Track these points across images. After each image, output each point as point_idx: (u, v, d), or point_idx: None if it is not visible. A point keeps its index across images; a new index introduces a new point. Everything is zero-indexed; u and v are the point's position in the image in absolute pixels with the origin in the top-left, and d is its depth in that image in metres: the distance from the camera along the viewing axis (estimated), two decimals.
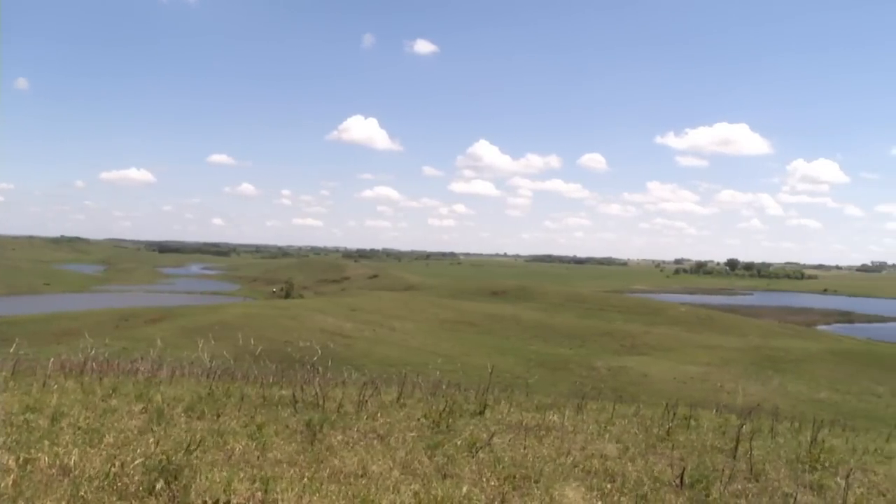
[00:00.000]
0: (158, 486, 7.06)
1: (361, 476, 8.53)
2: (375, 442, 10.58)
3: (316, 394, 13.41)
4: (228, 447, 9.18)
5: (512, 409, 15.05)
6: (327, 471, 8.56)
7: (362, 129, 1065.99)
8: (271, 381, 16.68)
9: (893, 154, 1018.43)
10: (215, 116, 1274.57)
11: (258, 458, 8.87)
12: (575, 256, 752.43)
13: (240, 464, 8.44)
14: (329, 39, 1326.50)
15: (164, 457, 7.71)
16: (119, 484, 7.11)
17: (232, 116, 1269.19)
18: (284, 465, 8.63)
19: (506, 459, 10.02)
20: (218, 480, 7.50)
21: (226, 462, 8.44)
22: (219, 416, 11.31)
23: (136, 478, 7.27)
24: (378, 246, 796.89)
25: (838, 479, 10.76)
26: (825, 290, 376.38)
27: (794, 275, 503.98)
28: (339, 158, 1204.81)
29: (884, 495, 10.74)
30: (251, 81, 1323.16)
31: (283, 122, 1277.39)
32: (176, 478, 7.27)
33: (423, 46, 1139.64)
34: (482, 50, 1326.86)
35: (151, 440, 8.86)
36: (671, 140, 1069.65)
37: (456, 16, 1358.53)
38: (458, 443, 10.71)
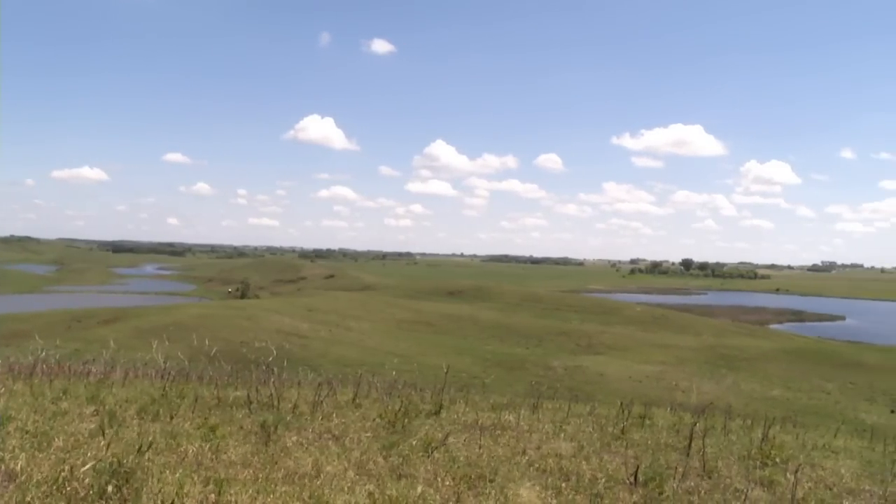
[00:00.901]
0: (109, 489, 6.95)
1: (316, 477, 8.48)
2: (330, 442, 10.54)
3: (271, 394, 13.33)
4: (182, 449, 9.07)
5: (468, 409, 15.08)
6: (281, 472, 8.50)
7: (319, 128, 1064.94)
8: (226, 382, 16.54)
9: (843, 156, 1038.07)
10: (171, 115, 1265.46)
11: (212, 459, 8.78)
12: (531, 256, 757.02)
13: (193, 466, 8.34)
14: (286, 38, 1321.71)
15: (116, 460, 7.58)
16: (68, 488, 6.98)
17: (187, 115, 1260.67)
18: (238, 467, 8.55)
19: (461, 459, 10.03)
20: (170, 483, 7.41)
21: (179, 464, 8.34)
22: (172, 417, 11.18)
23: (87, 482, 7.12)
24: (334, 246, 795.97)
25: (788, 474, 10.95)
26: (778, 290, 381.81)
27: (747, 274, 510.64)
28: (296, 158, 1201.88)
29: (830, 489, 10.95)
30: (207, 80, 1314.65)
31: (240, 121, 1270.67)
32: (127, 481, 7.16)
33: (381, 46, 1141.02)
34: (439, 50, 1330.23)
35: (103, 443, 8.69)
36: (627, 141, 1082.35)
37: (413, 16, 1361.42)
38: (414, 443, 10.70)
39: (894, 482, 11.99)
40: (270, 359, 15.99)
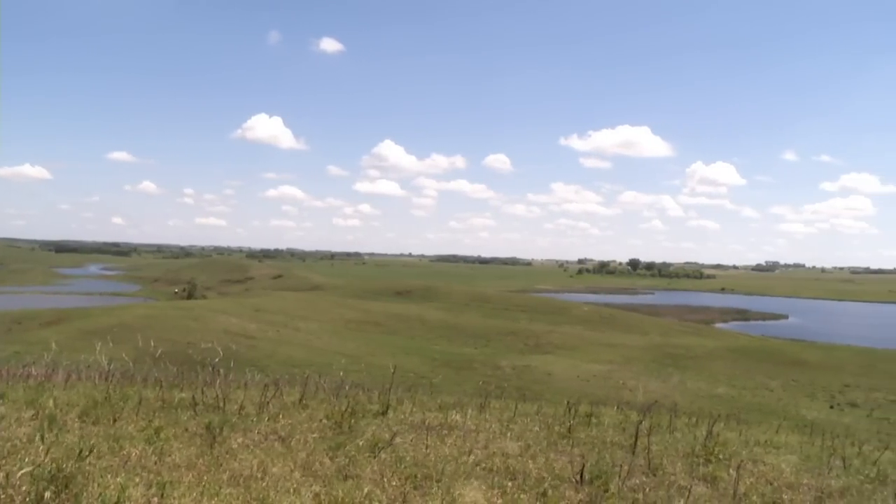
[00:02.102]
0: (47, 495, 6.81)
1: (261, 478, 8.42)
2: (276, 444, 10.45)
3: (217, 396, 13.18)
4: (124, 452, 8.92)
5: (415, 409, 15.04)
6: (226, 474, 8.43)
7: (267, 127, 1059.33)
8: (172, 383, 16.30)
9: (786, 159, 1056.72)
10: (115, 113, 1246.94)
11: (155, 462, 8.66)
12: (480, 256, 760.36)
13: (136, 469, 8.22)
14: (234, 36, 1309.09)
15: (55, 465, 7.46)
16: (3, 496, 6.82)
17: (133, 113, 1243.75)
18: (182, 469, 8.46)
19: (408, 459, 10.01)
20: (112, 487, 7.30)
21: (121, 468, 8.21)
22: (115, 420, 11.01)
23: (23, 488, 6.95)
24: (282, 246, 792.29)
25: (731, 470, 11.10)
26: (723, 289, 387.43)
27: (693, 274, 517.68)
28: (243, 157, 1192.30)
29: (771, 483, 11.14)
30: (153, 77, 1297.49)
31: (186, 120, 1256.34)
32: (67, 486, 7.05)
33: (330, 45, 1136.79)
34: (389, 50, 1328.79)
35: (41, 448, 8.51)
36: (575, 142, 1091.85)
37: (363, 15, 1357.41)
38: (361, 443, 10.66)
39: (831, 475, 12.30)
40: (217, 360, 15.85)
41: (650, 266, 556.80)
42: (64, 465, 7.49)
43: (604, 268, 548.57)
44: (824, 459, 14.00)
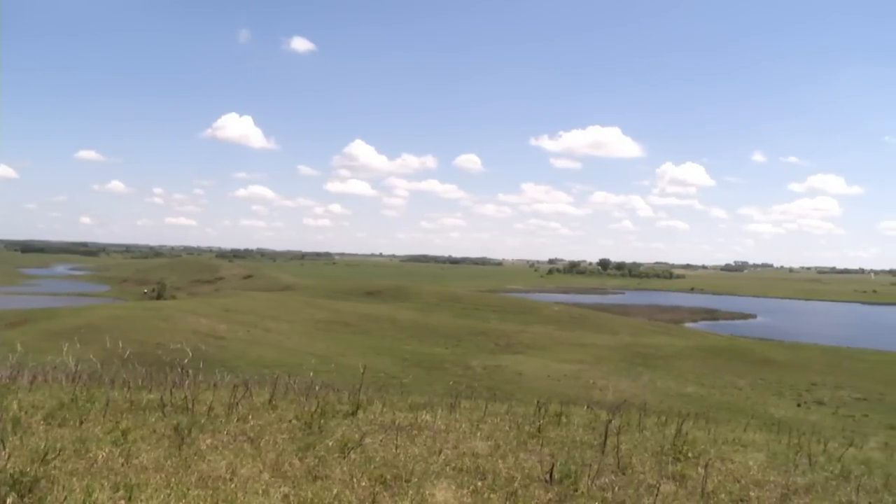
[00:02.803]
0: (10, 500, 6.74)
1: (230, 480, 8.38)
2: (246, 445, 10.40)
3: (186, 397, 13.10)
4: (91, 455, 8.83)
5: (385, 409, 15.02)
6: (195, 475, 8.38)
7: (237, 127, 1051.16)
8: (140, 384, 16.19)
9: (755, 160, 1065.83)
10: (83, 111, 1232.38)
11: (122, 464, 8.58)
12: (450, 256, 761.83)
13: (102, 471, 8.15)
14: (204, 34, 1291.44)
15: (18, 469, 7.37)
16: None
17: (101, 111, 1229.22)
18: (150, 471, 8.39)
19: (377, 459, 10.00)
20: (77, 490, 7.23)
21: (87, 471, 8.14)
22: (82, 422, 10.89)
23: None
24: (252, 246, 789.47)
25: (699, 468, 11.21)
26: (692, 289, 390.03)
27: (663, 274, 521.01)
28: (214, 157, 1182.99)
29: (738, 481, 11.25)
30: (122, 75, 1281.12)
31: (156, 119, 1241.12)
32: (31, 490, 6.97)
33: (301, 44, 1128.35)
34: (360, 49, 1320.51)
35: (5, 452, 8.43)
36: (545, 142, 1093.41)
37: (334, 14, 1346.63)
38: (330, 444, 10.63)
39: (797, 472, 12.44)
40: (186, 360, 15.75)
41: (620, 266, 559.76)
42: (28, 469, 7.40)
43: (574, 268, 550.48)
44: (791, 457, 14.15)
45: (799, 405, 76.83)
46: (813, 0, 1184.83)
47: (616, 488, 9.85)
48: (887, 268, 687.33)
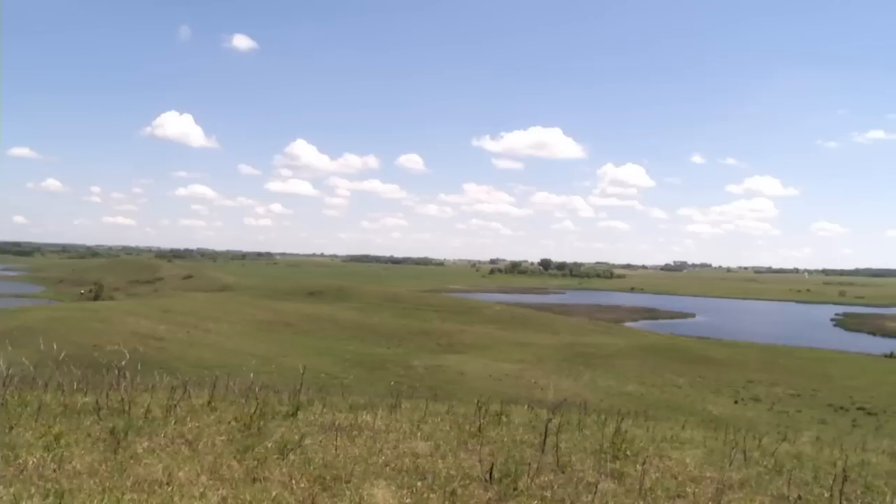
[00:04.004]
0: None
1: (167, 483, 8.26)
2: (183, 447, 10.26)
3: (122, 399, 12.89)
4: (20, 461, 8.61)
5: (325, 410, 14.94)
6: (130, 480, 8.24)
7: (177, 125, 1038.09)
8: (75, 388, 15.89)
9: (693, 161, 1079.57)
10: (17, 108, 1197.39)
11: (54, 470, 8.40)
12: (392, 256, 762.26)
13: (32, 478, 7.96)
14: (143, 30, 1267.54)
15: None
16: None
17: (36, 108, 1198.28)
18: (83, 476, 8.23)
19: (317, 461, 9.94)
20: (4, 498, 7.07)
21: (16, 477, 7.95)
22: (12, 428, 10.61)
23: None
24: (192, 246, 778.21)
25: (637, 465, 11.33)
26: (632, 289, 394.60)
27: (603, 274, 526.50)
28: (153, 155, 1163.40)
29: (675, 478, 11.40)
30: (57, 72, 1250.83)
31: (93, 116, 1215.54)
32: None
33: (242, 42, 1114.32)
34: (302, 47, 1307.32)
35: None
36: (487, 143, 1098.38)
37: (276, 12, 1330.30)
38: (269, 445, 10.54)
39: (732, 468, 12.66)
40: (124, 362, 15.48)
41: (561, 266, 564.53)
42: None
43: (516, 268, 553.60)
44: (727, 453, 14.37)
45: (736, 402, 78.25)
46: (750, 4, 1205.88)
47: (555, 487, 9.91)
48: (820, 267, 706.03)
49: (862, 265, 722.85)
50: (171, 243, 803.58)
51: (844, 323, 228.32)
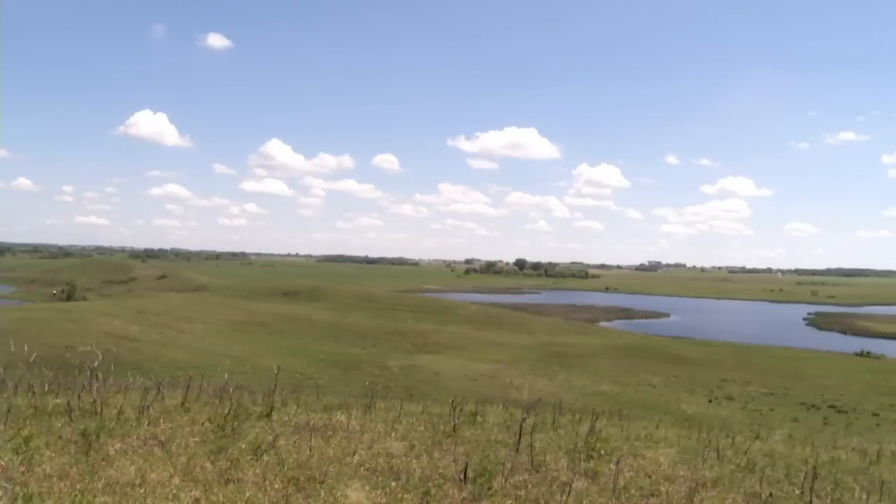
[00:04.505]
0: None
1: (139, 485, 8.21)
2: (156, 449, 10.21)
3: (94, 401, 12.79)
4: None
5: (299, 411, 14.93)
6: (101, 482, 8.18)
7: (151, 124, 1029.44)
8: (46, 389, 15.75)
9: (668, 162, 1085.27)
10: None
11: (23, 473, 8.32)
12: (367, 256, 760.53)
13: (0, 481, 7.90)
14: (116, 28, 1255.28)
15: None
16: None
17: (6, 106, 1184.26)
18: (54, 479, 8.16)
19: (290, 461, 9.93)
20: None
21: None
22: None
23: None
24: (167, 246, 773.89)
25: (611, 465, 11.39)
26: (607, 289, 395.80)
27: (578, 274, 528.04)
28: (127, 154, 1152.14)
29: (649, 476, 11.50)
30: (30, 70, 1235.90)
31: (65, 115, 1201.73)
32: None
33: (217, 40, 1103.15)
34: (277, 46, 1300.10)
35: None
36: (462, 143, 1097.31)
37: (251, 10, 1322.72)
38: (243, 446, 10.51)
39: (705, 466, 12.77)
40: (96, 363, 15.36)
41: (536, 266, 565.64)
42: None
43: (491, 268, 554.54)
44: (700, 451, 14.50)
45: (710, 401, 78.70)
46: (726, 6, 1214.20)
47: (529, 486, 9.95)
48: (793, 267, 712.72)
49: (833, 265, 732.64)
50: (145, 243, 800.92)
51: (816, 322, 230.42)
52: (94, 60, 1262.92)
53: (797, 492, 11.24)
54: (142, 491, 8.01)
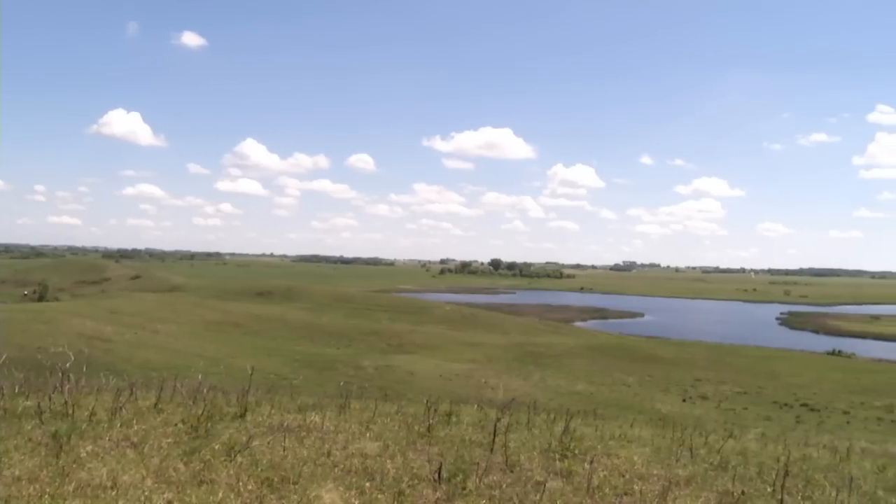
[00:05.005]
0: None
1: (111, 487, 8.14)
2: (129, 450, 10.12)
3: (66, 402, 12.66)
4: None
5: (273, 411, 14.85)
6: (72, 484, 8.10)
7: (125, 123, 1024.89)
8: (17, 391, 15.58)
9: (642, 162, 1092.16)
10: None
11: None
12: (342, 257, 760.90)
13: None
14: (89, 26, 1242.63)
15: None
16: None
17: None
18: (23, 482, 8.07)
19: (264, 462, 9.87)
20: None
21: None
22: None
23: None
24: (140, 246, 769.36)
25: (585, 464, 11.44)
26: (582, 289, 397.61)
27: (553, 274, 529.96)
28: (100, 153, 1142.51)
29: (623, 475, 11.55)
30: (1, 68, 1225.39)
31: (38, 114, 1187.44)
32: None
33: (191, 39, 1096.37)
34: (252, 45, 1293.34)
35: None
36: (438, 143, 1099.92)
37: (225, 9, 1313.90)
38: (217, 447, 10.44)
39: (678, 465, 12.87)
40: (68, 364, 15.23)
41: (511, 266, 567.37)
42: None
43: (466, 268, 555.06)
44: (674, 450, 14.60)
45: (684, 400, 79.17)
46: (700, 8, 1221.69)
47: (504, 486, 9.97)
48: (766, 267, 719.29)
49: (806, 265, 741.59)
50: (119, 243, 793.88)
51: (789, 322, 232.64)
52: (67, 59, 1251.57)
53: (769, 489, 11.34)
54: (114, 493, 7.95)
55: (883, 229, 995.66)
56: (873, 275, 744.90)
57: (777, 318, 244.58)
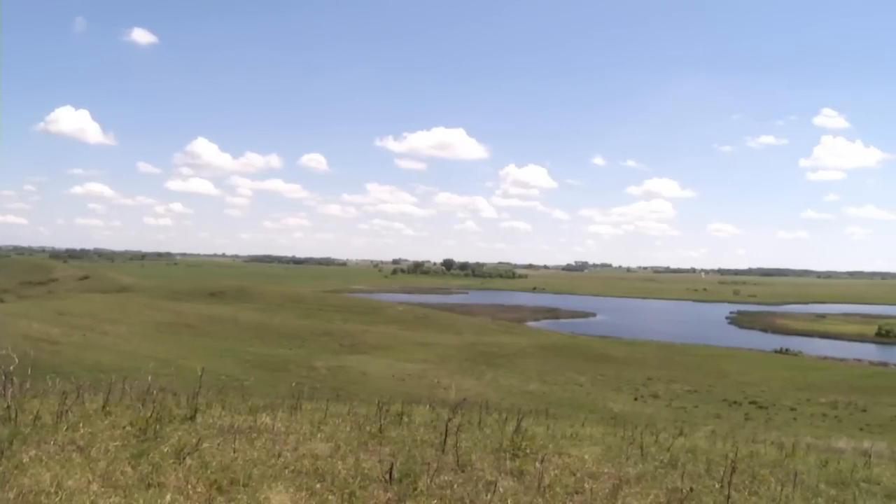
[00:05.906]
0: None
1: (55, 493, 7.97)
2: (74, 454, 9.93)
3: (8, 407, 12.41)
4: None
5: (224, 413, 14.72)
6: (13, 491, 7.91)
7: (72, 120, 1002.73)
8: None
9: (595, 163, 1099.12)
10: None
11: None
12: (294, 257, 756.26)
13: None
14: (35, 21, 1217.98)
15: None
16: None
17: None
18: None
19: (214, 464, 9.76)
20: None
21: None
22: None
23: None
24: (89, 246, 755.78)
25: (537, 463, 11.46)
26: (534, 289, 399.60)
27: (506, 274, 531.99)
28: (46, 151, 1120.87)
29: (574, 474, 11.63)
30: None
31: None
32: None
33: (141, 36, 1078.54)
34: (203, 43, 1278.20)
35: None
36: (390, 143, 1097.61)
37: (177, 6, 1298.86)
38: (165, 450, 10.29)
39: (629, 463, 13.00)
40: (12, 367, 14.95)
41: (464, 266, 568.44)
42: None
43: (418, 268, 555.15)
44: (624, 449, 14.72)
45: (636, 399, 79.89)
46: (651, 9, 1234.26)
47: (455, 486, 9.96)
48: (716, 267, 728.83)
49: (754, 265, 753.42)
50: (67, 243, 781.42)
51: (738, 321, 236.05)
52: (12, 55, 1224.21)
53: (717, 486, 11.52)
54: (58, 499, 7.79)
55: (828, 230, 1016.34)
56: (819, 274, 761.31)
57: (727, 318, 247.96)
